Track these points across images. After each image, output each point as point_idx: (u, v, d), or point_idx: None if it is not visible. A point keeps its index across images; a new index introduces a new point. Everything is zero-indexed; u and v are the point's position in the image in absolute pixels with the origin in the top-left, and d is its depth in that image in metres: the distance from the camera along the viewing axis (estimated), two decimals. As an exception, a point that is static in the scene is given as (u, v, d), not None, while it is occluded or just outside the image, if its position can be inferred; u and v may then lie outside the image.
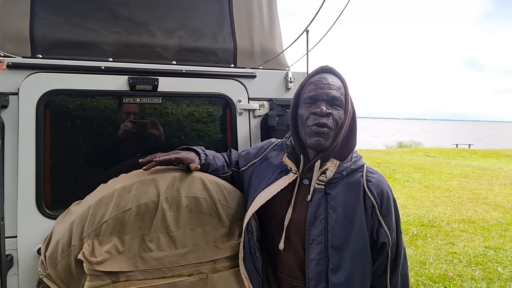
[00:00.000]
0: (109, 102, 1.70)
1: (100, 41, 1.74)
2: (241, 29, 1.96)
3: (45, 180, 1.57)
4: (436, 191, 8.62)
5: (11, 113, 1.53)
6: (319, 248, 1.28)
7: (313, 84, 1.32)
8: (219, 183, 1.48)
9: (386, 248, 1.32)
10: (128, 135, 1.70)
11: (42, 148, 1.55)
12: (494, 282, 4.03)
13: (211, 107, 1.85)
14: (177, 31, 1.86)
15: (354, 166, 1.33)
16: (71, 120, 1.64)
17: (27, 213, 1.53)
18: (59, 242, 1.34)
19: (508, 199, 7.78)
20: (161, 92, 1.72)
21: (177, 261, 1.38)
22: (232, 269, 1.45)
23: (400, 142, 24.46)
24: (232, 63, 1.94)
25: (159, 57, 1.82)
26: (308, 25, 1.66)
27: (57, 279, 1.33)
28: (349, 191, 1.30)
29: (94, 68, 1.64)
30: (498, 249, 4.99)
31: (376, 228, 1.31)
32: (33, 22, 1.66)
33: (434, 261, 4.59)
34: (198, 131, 1.83)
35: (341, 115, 1.30)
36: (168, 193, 1.38)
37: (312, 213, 1.29)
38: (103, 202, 1.35)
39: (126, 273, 1.32)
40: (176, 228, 1.39)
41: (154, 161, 1.39)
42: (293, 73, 1.93)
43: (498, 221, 6.26)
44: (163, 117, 1.77)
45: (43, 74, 1.57)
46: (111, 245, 1.32)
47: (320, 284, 1.27)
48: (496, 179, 10.21)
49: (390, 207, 1.34)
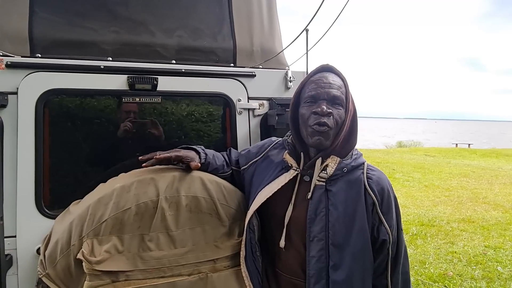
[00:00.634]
0: (109, 102, 1.69)
1: (100, 41, 1.74)
2: (240, 29, 1.95)
3: (44, 180, 1.57)
4: (436, 190, 8.62)
5: (10, 113, 1.53)
6: (320, 245, 1.27)
7: (313, 83, 1.32)
8: (218, 183, 1.48)
9: (387, 246, 1.31)
10: (128, 135, 1.70)
11: (41, 147, 1.55)
12: (494, 281, 4.03)
13: (210, 106, 1.85)
14: (177, 31, 1.86)
15: (354, 163, 1.33)
16: (70, 120, 1.63)
17: (26, 213, 1.53)
18: (58, 242, 1.33)
19: (507, 199, 7.78)
20: (160, 92, 1.71)
21: (177, 260, 1.37)
22: (232, 268, 1.45)
23: (399, 141, 24.47)
24: (232, 63, 1.93)
25: (158, 56, 1.82)
26: (307, 24, 1.66)
27: (56, 279, 1.33)
28: (349, 188, 1.30)
29: (94, 68, 1.63)
30: (498, 249, 4.99)
31: (377, 226, 1.30)
32: (32, 22, 1.66)
33: (434, 260, 4.60)
34: (198, 131, 1.83)
35: (342, 114, 1.30)
36: (167, 192, 1.38)
37: (313, 210, 1.29)
38: (102, 201, 1.34)
39: (125, 272, 1.32)
40: (176, 228, 1.39)
41: (154, 159, 1.39)
42: (292, 72, 1.93)
43: (498, 221, 6.26)
44: (162, 116, 1.76)
45: (42, 74, 1.57)
46: (110, 244, 1.32)
47: (320, 281, 1.27)
48: (496, 178, 10.22)
49: (391, 205, 1.33)
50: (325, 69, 1.35)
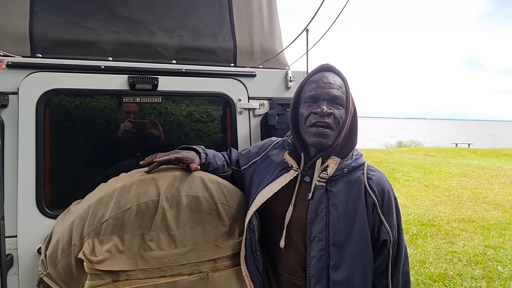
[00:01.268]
0: (109, 102, 1.70)
1: (100, 40, 1.74)
2: (241, 28, 1.95)
3: (45, 180, 1.57)
4: (435, 190, 8.63)
5: (11, 113, 1.53)
6: (320, 245, 1.28)
7: (314, 83, 1.32)
8: (219, 182, 1.48)
9: (387, 246, 1.32)
10: (128, 135, 1.70)
11: (42, 147, 1.55)
12: (494, 281, 4.03)
13: (211, 106, 1.85)
14: (177, 30, 1.86)
15: (355, 163, 1.33)
16: (71, 120, 1.64)
17: (27, 213, 1.53)
18: (59, 242, 1.33)
19: (507, 198, 7.79)
20: (161, 91, 1.71)
21: (178, 260, 1.38)
22: (233, 268, 1.45)
23: (399, 141, 24.46)
24: (232, 62, 1.93)
25: (159, 56, 1.82)
26: (308, 24, 1.66)
27: (57, 279, 1.33)
28: (350, 188, 1.30)
29: (94, 68, 1.64)
30: (498, 248, 4.99)
31: (377, 226, 1.31)
32: (33, 21, 1.66)
33: (434, 260, 4.60)
34: (198, 131, 1.83)
35: (342, 114, 1.30)
36: (168, 192, 1.38)
37: (313, 211, 1.29)
38: (103, 201, 1.35)
39: (126, 272, 1.32)
40: (177, 227, 1.39)
41: (155, 162, 1.39)
42: (293, 72, 1.93)
43: (498, 220, 6.27)
44: (163, 116, 1.76)
45: (42, 74, 1.57)
46: (111, 244, 1.32)
47: (321, 281, 1.27)
48: (496, 178, 10.22)
49: (391, 205, 1.34)
50: (325, 69, 1.35)
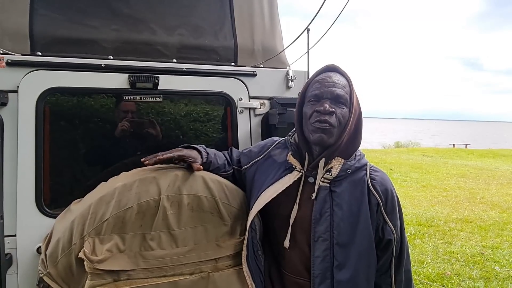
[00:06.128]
0: (109, 100, 1.69)
1: (100, 39, 1.73)
2: (242, 27, 1.95)
3: (45, 179, 1.56)
4: (433, 190, 8.65)
5: (11, 111, 1.52)
6: (325, 245, 1.28)
7: (318, 82, 1.33)
8: (220, 182, 1.47)
9: (392, 245, 1.33)
10: (128, 134, 1.69)
11: (42, 146, 1.54)
12: (491, 281, 4.05)
13: (211, 105, 1.84)
14: (178, 29, 1.85)
15: (358, 164, 1.34)
16: (71, 118, 1.63)
17: (27, 212, 1.52)
18: (59, 241, 1.32)
19: (505, 199, 7.82)
20: (161, 90, 1.71)
21: (179, 259, 1.37)
22: (234, 267, 1.45)
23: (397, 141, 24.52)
24: (233, 61, 1.93)
25: (159, 55, 1.81)
26: (309, 24, 1.66)
27: (57, 278, 1.32)
28: (354, 188, 1.31)
29: (94, 66, 1.63)
30: (495, 248, 5.01)
31: (382, 226, 1.31)
32: (33, 19, 1.65)
33: (432, 260, 4.61)
34: (198, 130, 1.83)
35: (345, 113, 1.30)
36: (169, 191, 1.37)
37: (318, 211, 1.30)
38: (104, 200, 1.34)
39: (127, 271, 1.31)
40: (178, 227, 1.39)
41: (156, 159, 1.39)
42: (294, 72, 1.92)
43: (495, 221, 6.29)
44: (163, 115, 1.76)
45: (42, 72, 1.56)
46: (112, 243, 1.31)
47: (325, 281, 1.28)
48: (493, 178, 10.26)
49: (395, 205, 1.35)
50: (330, 69, 1.36)
